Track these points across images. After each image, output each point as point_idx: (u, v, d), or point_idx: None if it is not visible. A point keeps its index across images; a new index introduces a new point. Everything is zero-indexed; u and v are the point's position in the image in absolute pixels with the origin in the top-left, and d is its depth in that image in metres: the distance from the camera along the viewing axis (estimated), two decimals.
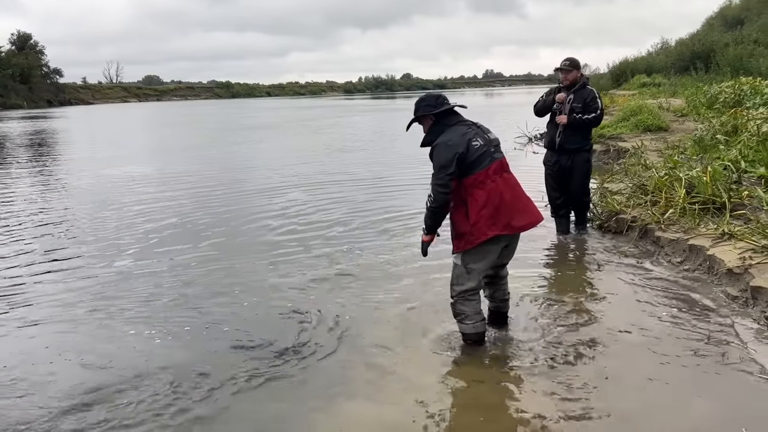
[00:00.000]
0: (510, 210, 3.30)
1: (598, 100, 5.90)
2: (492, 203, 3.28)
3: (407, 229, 6.56)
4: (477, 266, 3.46)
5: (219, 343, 3.88)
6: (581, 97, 5.84)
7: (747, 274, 4.10)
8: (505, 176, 3.38)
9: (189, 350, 3.81)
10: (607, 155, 10.78)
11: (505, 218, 3.29)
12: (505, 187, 3.33)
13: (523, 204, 3.40)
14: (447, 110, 3.49)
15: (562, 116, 5.86)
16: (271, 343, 3.84)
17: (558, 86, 6.05)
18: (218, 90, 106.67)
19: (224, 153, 16.17)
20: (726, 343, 3.52)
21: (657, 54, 42.33)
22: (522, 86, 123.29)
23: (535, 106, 6.17)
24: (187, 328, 4.16)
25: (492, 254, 3.45)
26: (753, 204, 5.33)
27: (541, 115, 6.20)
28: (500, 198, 3.29)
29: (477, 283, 3.52)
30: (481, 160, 3.30)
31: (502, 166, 3.38)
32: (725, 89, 14.41)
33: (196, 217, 7.68)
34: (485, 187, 3.28)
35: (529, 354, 3.56)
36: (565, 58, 5.96)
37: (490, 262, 3.49)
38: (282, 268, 5.38)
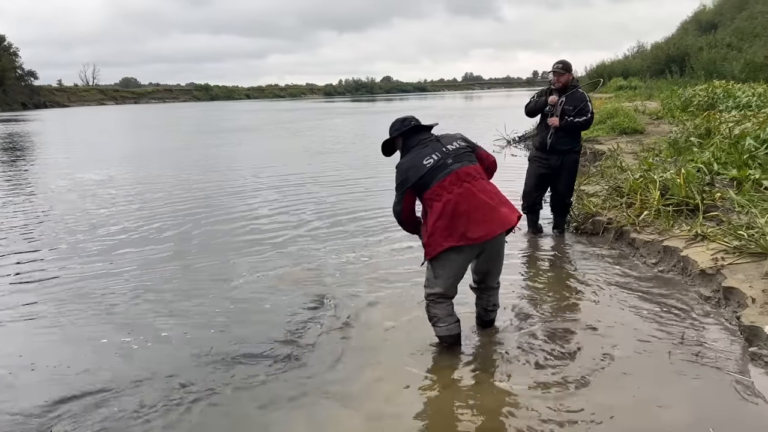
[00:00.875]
0: (467, 221, 3.28)
1: (589, 104, 5.97)
2: (447, 215, 3.29)
3: (383, 229, 6.55)
4: (443, 272, 3.47)
5: (195, 349, 3.83)
6: (573, 99, 5.90)
7: (719, 275, 4.15)
8: (465, 186, 3.34)
9: (165, 356, 3.75)
10: (583, 158, 10.85)
11: (462, 229, 3.28)
12: (462, 198, 3.30)
13: (481, 214, 3.30)
14: (411, 130, 3.58)
15: (554, 118, 5.91)
16: (248, 348, 3.80)
17: (549, 88, 6.09)
18: (197, 92, 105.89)
19: (201, 156, 16.02)
20: (699, 343, 3.56)
21: (633, 57, 42.98)
22: (501, 89, 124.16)
23: (526, 107, 6.24)
24: (165, 334, 4.10)
25: (455, 263, 3.43)
26: (725, 205, 5.41)
27: (533, 116, 6.29)
28: (455, 209, 3.28)
29: (445, 289, 3.52)
30: (435, 174, 3.35)
31: (459, 176, 3.35)
32: (699, 92, 14.68)
33: (171, 219, 7.59)
34: (441, 199, 3.31)
35: (506, 356, 3.57)
36: (557, 61, 6.01)
37: (455, 270, 3.47)
38: (258, 271, 5.33)
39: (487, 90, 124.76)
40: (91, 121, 40.74)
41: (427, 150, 3.46)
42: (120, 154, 17.69)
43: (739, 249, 4.36)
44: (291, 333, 4.00)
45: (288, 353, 3.71)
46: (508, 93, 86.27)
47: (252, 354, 3.71)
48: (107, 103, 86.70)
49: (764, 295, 3.65)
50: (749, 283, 3.86)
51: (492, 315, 3.93)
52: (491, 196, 3.40)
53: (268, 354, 3.71)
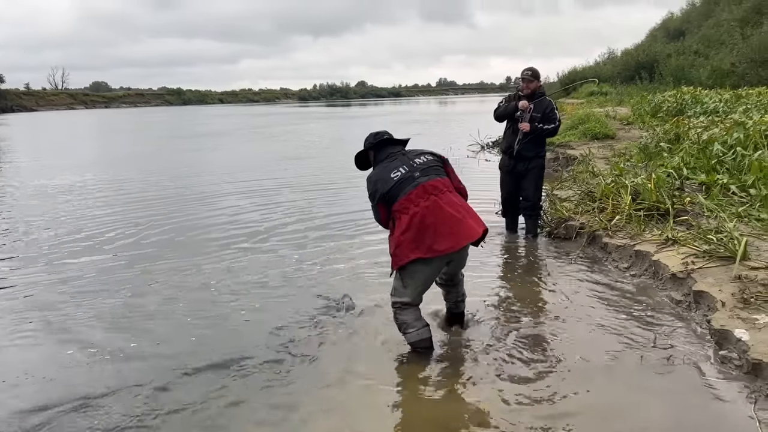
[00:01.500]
0: (433, 233, 3.32)
1: (556, 111, 6.11)
2: (414, 227, 3.33)
3: (368, 232, 6.51)
4: (411, 282, 3.49)
5: (168, 360, 3.74)
6: (541, 107, 6.00)
7: (689, 279, 4.20)
8: (432, 198, 3.38)
9: (134, 368, 3.66)
10: (556, 162, 10.97)
11: (429, 241, 3.32)
12: (428, 211, 3.34)
13: (448, 227, 3.33)
14: (382, 143, 3.68)
15: (524, 124, 5.97)
16: (219, 359, 3.72)
17: (516, 94, 6.15)
18: (169, 97, 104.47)
19: (173, 161, 15.80)
20: (671, 347, 3.59)
21: (604, 64, 43.69)
22: (475, 95, 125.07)
23: (495, 111, 6.29)
24: (134, 344, 4.01)
25: (423, 273, 3.47)
26: (695, 210, 5.49)
27: (502, 121, 6.32)
28: (422, 222, 3.32)
29: (412, 298, 3.55)
30: (402, 187, 3.41)
31: (426, 189, 3.40)
32: (668, 98, 14.94)
33: (141, 225, 7.44)
34: (408, 212, 3.35)
35: (479, 360, 3.55)
36: (526, 68, 6.10)
37: (423, 281, 3.52)
38: (232, 277, 5.25)
39: (461, 95, 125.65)
40: (60, 126, 39.97)
41: (396, 163, 3.53)
42: (89, 158, 17.36)
43: (708, 253, 4.41)
44: (270, 341, 3.94)
45: (267, 361, 3.64)
46: (482, 99, 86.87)
47: (229, 364, 3.64)
48: (77, 108, 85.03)
49: (733, 298, 3.70)
50: (719, 287, 3.91)
51: (462, 306, 4.02)
52: (458, 209, 3.45)
53: (245, 364, 3.64)
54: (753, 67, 20.31)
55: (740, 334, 3.30)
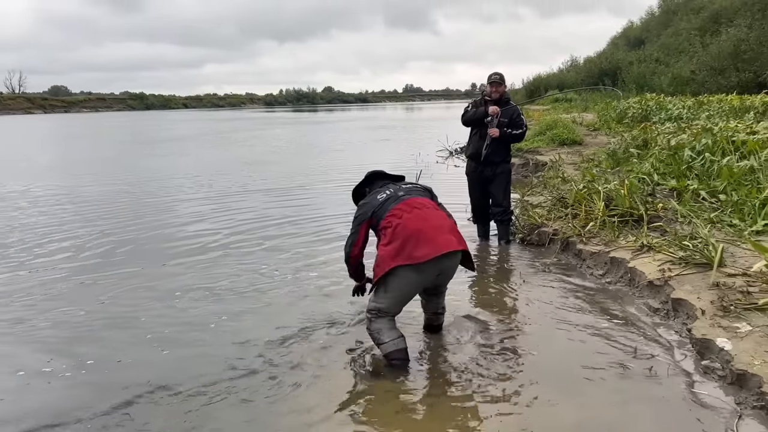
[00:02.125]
0: (415, 242, 3.33)
1: (523, 117, 6.09)
2: (397, 238, 3.36)
3: (327, 240, 6.32)
4: (392, 290, 3.42)
5: (126, 382, 3.50)
6: (508, 112, 5.96)
7: (667, 286, 4.14)
8: (415, 211, 3.47)
9: (91, 387, 3.41)
10: (525, 168, 10.97)
11: (409, 249, 3.32)
12: (410, 221, 3.40)
13: (427, 235, 3.36)
14: (373, 177, 3.93)
15: (494, 129, 5.90)
16: (181, 379, 3.50)
17: (483, 99, 6.08)
18: (131, 101, 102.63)
19: (133, 167, 15.35)
20: (651, 356, 3.50)
21: (567, 71, 44.39)
22: (441, 101, 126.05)
23: (463, 116, 6.21)
24: (90, 361, 3.76)
25: (406, 282, 3.41)
26: (668, 216, 5.46)
27: (471, 126, 6.22)
28: (403, 232, 3.36)
29: (389, 306, 3.46)
30: (388, 205, 3.53)
31: (410, 204, 3.51)
32: (633, 105, 15.14)
33: (100, 233, 7.12)
34: (392, 225, 3.42)
35: (456, 376, 3.41)
36: (494, 72, 6.06)
37: (405, 289, 3.45)
38: (194, 289, 5.01)
39: (428, 101, 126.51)
40: (16, 131, 38.72)
41: (383, 190, 3.70)
42: (45, 164, 16.76)
43: (684, 260, 4.37)
44: (239, 359, 3.72)
45: (235, 378, 3.44)
46: (448, 105, 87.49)
47: (193, 385, 3.42)
48: (35, 112, 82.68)
49: (713, 306, 3.63)
50: (697, 294, 3.85)
51: (441, 318, 3.96)
52: (441, 222, 3.52)
53: (212, 386, 3.42)
54: (712, 74, 20.81)
55: (722, 344, 3.23)
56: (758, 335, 3.25)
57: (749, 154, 6.37)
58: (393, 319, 3.52)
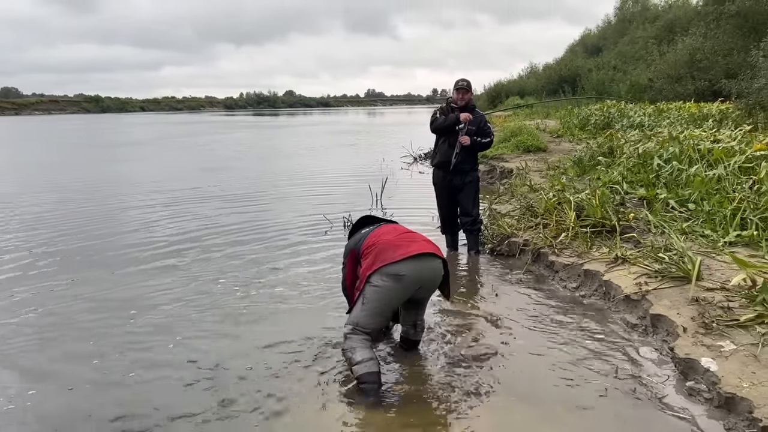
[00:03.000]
0: (391, 250, 3.34)
1: (489, 125, 5.96)
2: (374, 252, 3.38)
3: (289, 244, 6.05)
4: (371, 300, 3.29)
5: (73, 413, 3.18)
6: (476, 120, 5.82)
7: (644, 301, 4.01)
8: (391, 229, 3.58)
9: (33, 425, 3.08)
10: (490, 175, 10.88)
11: (383, 256, 3.33)
12: (385, 236, 3.47)
13: (402, 243, 3.39)
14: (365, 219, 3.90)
15: (465, 137, 5.74)
16: (132, 412, 3.20)
17: (448, 106, 5.92)
18: (86, 104, 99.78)
19: (85, 173, 14.73)
20: (633, 377, 3.35)
21: (528, 77, 44.89)
22: (403, 105, 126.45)
23: (432, 124, 5.98)
24: (32, 392, 3.41)
25: (385, 292, 3.28)
26: (640, 226, 5.37)
27: (442, 134, 6.01)
28: (380, 245, 3.39)
29: (365, 319, 3.30)
30: (366, 234, 3.57)
31: (386, 228, 3.61)
32: (595, 112, 15.25)
33: (39, 245, 6.69)
34: (370, 245, 3.45)
35: (424, 396, 3.19)
36: (460, 78, 5.91)
37: (384, 300, 3.31)
38: (149, 306, 4.68)
39: (390, 106, 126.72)
40: None
41: (368, 226, 3.72)
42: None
43: (661, 273, 4.25)
44: (196, 391, 3.43)
45: (202, 404, 3.15)
46: (410, 110, 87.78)
47: (145, 420, 3.12)
48: None
49: (694, 323, 3.51)
50: (677, 310, 3.73)
51: (419, 334, 3.82)
52: (417, 235, 3.58)
53: (166, 422, 3.13)
54: (669, 82, 21.19)
55: (707, 364, 3.09)
56: (743, 354, 3.13)
57: (715, 163, 6.36)
58: (369, 338, 3.34)
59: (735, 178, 5.81)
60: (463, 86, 5.82)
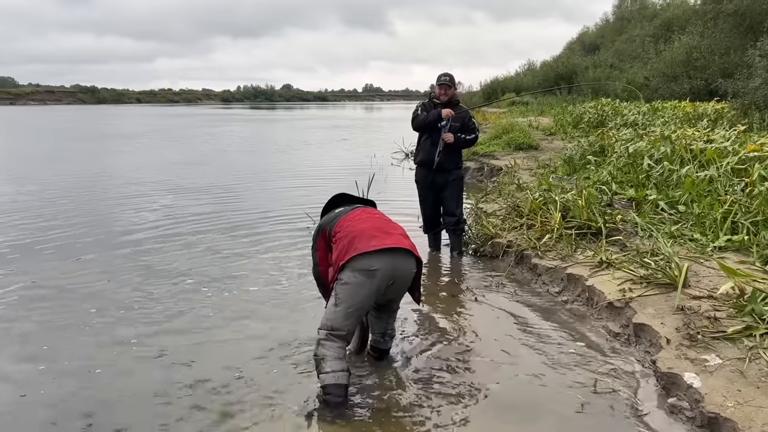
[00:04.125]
0: (365, 238, 3.16)
1: (474, 120, 5.73)
2: (346, 237, 3.21)
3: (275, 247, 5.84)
4: (344, 297, 3.09)
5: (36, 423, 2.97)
6: (460, 116, 5.58)
7: (628, 309, 3.81)
8: (366, 215, 3.37)
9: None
10: (480, 173, 10.67)
11: (356, 245, 3.14)
12: (360, 223, 3.28)
13: (377, 233, 3.20)
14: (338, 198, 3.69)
15: (449, 134, 5.52)
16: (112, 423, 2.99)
17: (431, 101, 5.70)
18: (82, 95, 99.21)
19: (75, 166, 14.48)
20: (613, 391, 3.15)
21: (524, 74, 44.66)
22: (400, 101, 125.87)
23: (414, 122, 5.75)
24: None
25: (358, 287, 3.08)
26: (627, 228, 5.17)
27: (423, 131, 5.79)
28: (353, 232, 3.21)
29: (340, 320, 3.08)
30: (339, 215, 3.39)
31: (360, 211, 3.42)
32: (589, 110, 15.04)
33: (22, 237, 6.46)
34: (342, 229, 3.27)
35: (396, 408, 2.99)
36: (443, 73, 5.65)
37: (358, 296, 3.08)
38: (131, 311, 4.47)
39: (387, 102, 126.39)
40: None
41: (341, 207, 3.55)
42: None
43: (646, 279, 4.05)
44: (166, 383, 3.23)
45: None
46: (407, 105, 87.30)
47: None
48: None
49: (678, 334, 3.31)
50: (660, 319, 3.53)
51: (389, 342, 3.63)
52: (393, 226, 3.38)
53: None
54: (665, 81, 21.01)
55: (690, 380, 2.89)
56: (729, 370, 2.93)
57: (708, 164, 6.16)
58: (344, 346, 3.12)
59: (727, 179, 5.61)
60: (445, 81, 5.59)
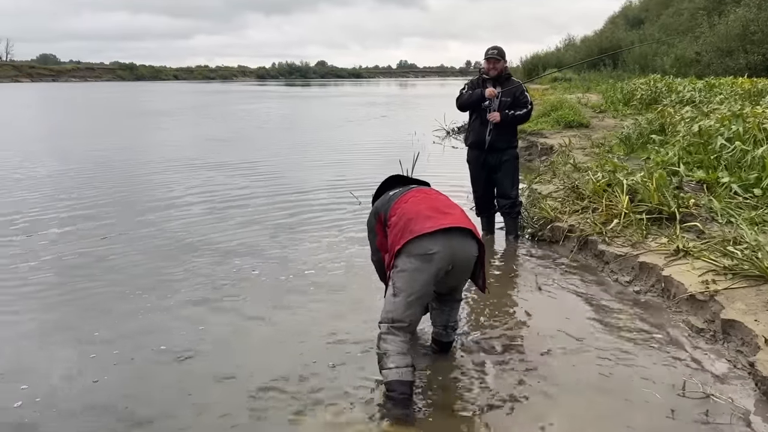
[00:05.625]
0: (420, 220, 2.95)
1: (527, 94, 5.40)
2: (402, 219, 3.02)
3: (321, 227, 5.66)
4: (403, 285, 2.89)
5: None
6: (510, 90, 5.27)
7: (713, 303, 3.50)
8: (422, 195, 3.18)
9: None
10: (529, 152, 10.29)
11: (411, 227, 2.94)
12: (415, 204, 3.08)
13: (433, 214, 2.99)
14: (393, 179, 3.53)
15: (494, 114, 5.23)
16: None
17: (481, 78, 5.40)
18: (121, 72, 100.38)
19: (110, 142, 14.55)
20: (706, 396, 2.87)
21: (565, 50, 43.43)
22: (435, 77, 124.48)
23: (458, 100, 5.49)
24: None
25: (417, 273, 2.87)
26: (702, 213, 4.81)
27: (467, 110, 5.53)
28: (408, 214, 3.02)
29: (401, 310, 2.87)
30: (396, 196, 3.22)
31: (416, 191, 3.24)
32: (641, 86, 14.42)
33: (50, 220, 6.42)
34: (396, 212, 3.10)
35: (458, 399, 2.77)
36: (491, 47, 5.34)
37: (417, 282, 2.88)
38: (156, 299, 4.35)
39: (422, 78, 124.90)
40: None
41: (395, 189, 3.37)
42: (24, 138, 15.91)
43: (731, 270, 3.73)
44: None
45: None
46: (443, 82, 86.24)
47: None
48: (22, 81, 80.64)
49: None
50: (754, 316, 3.22)
51: (452, 335, 3.37)
52: (451, 205, 3.17)
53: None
54: (719, 56, 20.07)
55: None
56: None
57: None
58: (407, 339, 2.91)
59: None
60: (493, 55, 5.27)
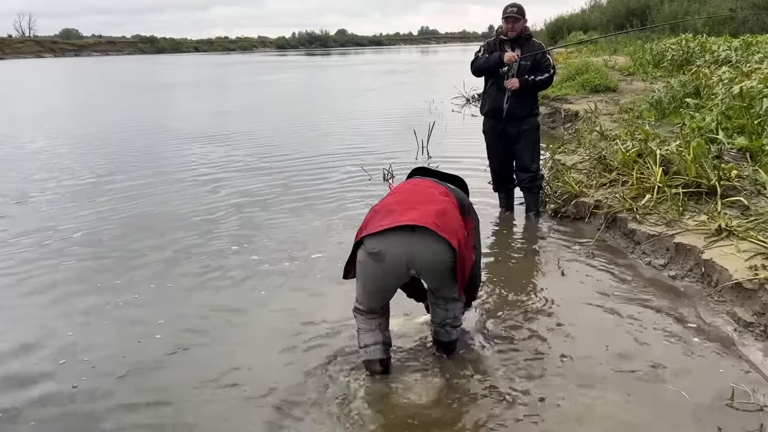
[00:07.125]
0: (379, 213, 2.69)
1: (549, 57, 4.89)
2: (372, 212, 2.77)
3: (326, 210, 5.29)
4: (359, 279, 2.73)
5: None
6: (529, 53, 4.76)
7: (763, 292, 3.05)
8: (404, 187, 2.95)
9: None
10: (552, 119, 9.74)
11: (368, 224, 2.67)
12: (390, 196, 2.85)
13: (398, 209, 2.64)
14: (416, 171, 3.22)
15: (513, 80, 4.75)
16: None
17: (497, 39, 4.89)
18: (142, 45, 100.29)
19: (122, 115, 14.29)
20: (761, 408, 2.44)
21: (591, 11, 41.93)
22: (457, 43, 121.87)
23: (473, 64, 4.96)
24: None
25: (369, 270, 2.64)
26: (745, 186, 4.30)
27: (482, 76, 5.01)
28: (379, 205, 2.79)
29: (360, 298, 2.77)
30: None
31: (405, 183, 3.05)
32: (671, 47, 13.62)
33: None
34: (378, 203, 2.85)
35: (466, 398, 2.40)
36: (510, 4, 4.77)
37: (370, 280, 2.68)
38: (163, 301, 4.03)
39: (444, 44, 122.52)
40: (27, 75, 37.60)
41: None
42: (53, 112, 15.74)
43: None
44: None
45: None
46: (465, 47, 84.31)
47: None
48: (45, 56, 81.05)
49: None
50: None
51: (450, 333, 2.93)
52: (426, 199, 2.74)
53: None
54: (756, 12, 18.98)
55: None
56: None
57: None
58: (373, 317, 2.78)
59: None
60: (512, 13, 4.72)
